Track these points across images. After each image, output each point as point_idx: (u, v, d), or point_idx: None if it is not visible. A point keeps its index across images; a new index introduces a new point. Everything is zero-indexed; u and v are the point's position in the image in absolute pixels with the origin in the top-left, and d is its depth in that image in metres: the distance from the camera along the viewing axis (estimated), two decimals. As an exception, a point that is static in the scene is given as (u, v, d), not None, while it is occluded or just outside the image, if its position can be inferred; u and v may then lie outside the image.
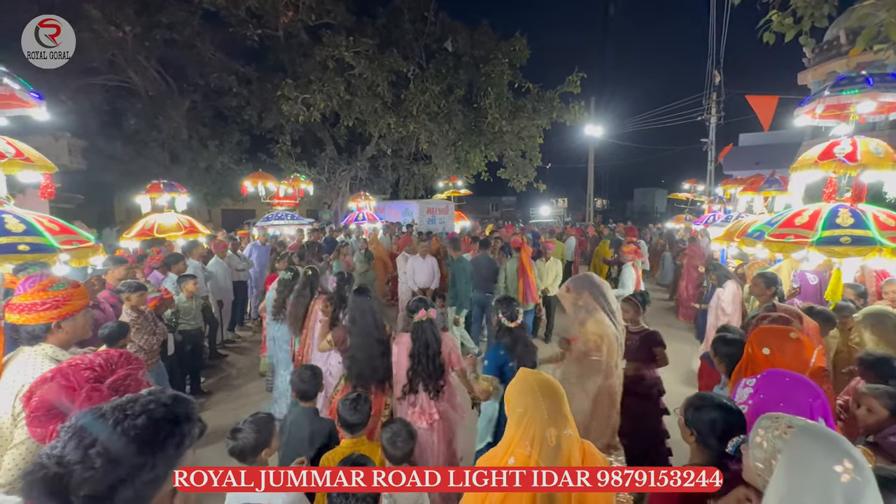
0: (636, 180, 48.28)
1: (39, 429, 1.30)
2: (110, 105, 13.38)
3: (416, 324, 2.62)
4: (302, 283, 3.81)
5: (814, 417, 1.44)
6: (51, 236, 2.52)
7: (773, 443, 1.07)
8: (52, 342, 1.66)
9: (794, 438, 1.04)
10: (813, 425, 1.08)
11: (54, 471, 0.66)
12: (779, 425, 1.09)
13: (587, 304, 2.77)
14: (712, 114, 16.64)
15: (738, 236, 4.57)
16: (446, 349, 2.67)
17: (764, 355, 1.89)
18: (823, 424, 1.45)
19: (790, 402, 1.48)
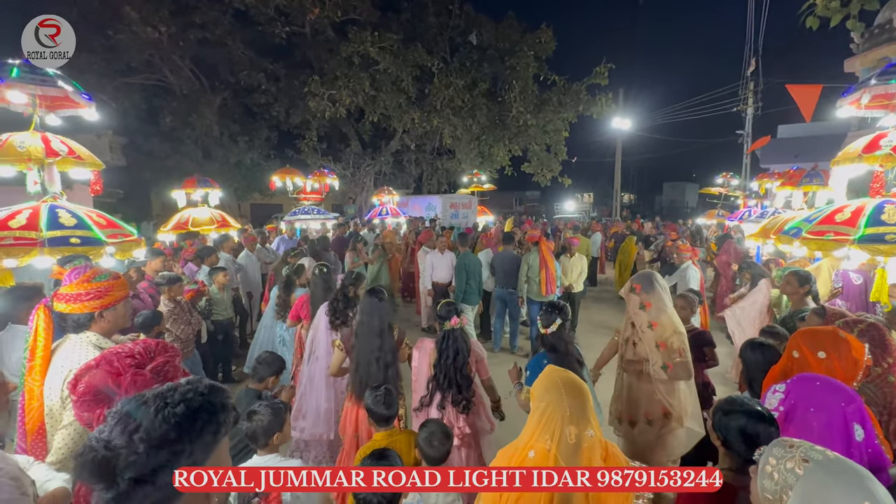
0: (665, 174, 46.78)
1: (86, 413, 1.39)
2: (147, 103, 14.00)
3: (446, 332, 2.48)
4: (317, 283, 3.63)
5: (847, 424, 1.37)
6: (99, 230, 2.68)
7: (785, 476, 0.98)
8: (95, 330, 1.77)
9: (809, 475, 0.95)
10: (832, 460, 0.98)
11: (102, 454, 0.71)
12: (793, 456, 0.99)
13: (658, 304, 2.68)
14: (749, 104, 15.92)
15: (774, 233, 4.38)
16: (474, 358, 2.56)
17: (819, 359, 1.77)
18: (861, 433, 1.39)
19: (821, 407, 1.41)
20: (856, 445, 1.38)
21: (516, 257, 5.82)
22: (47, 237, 2.46)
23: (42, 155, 2.66)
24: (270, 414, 1.87)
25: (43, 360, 1.66)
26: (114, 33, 11.73)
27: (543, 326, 2.48)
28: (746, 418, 1.39)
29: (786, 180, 6.23)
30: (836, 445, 1.37)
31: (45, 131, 2.83)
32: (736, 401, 1.49)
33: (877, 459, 1.43)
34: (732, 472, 1.42)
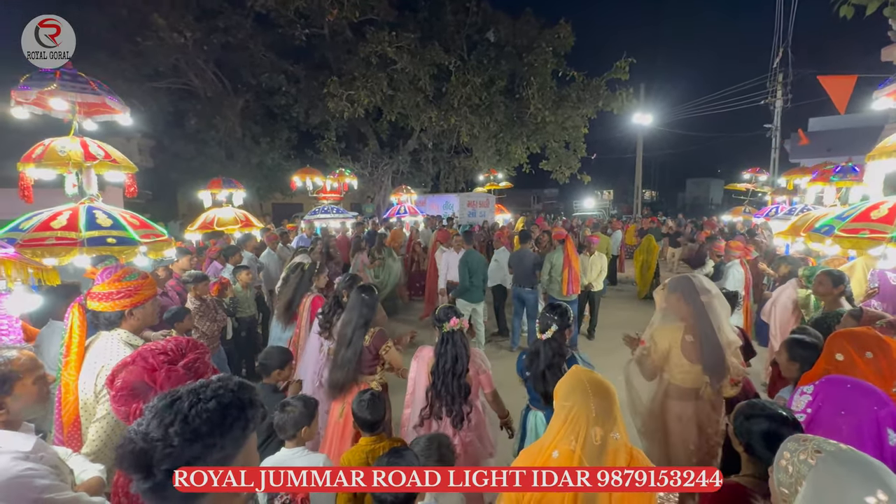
0: (689, 170, 45.53)
1: (123, 407, 1.46)
2: (174, 107, 14.47)
3: (445, 334, 2.33)
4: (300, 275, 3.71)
5: (881, 429, 1.33)
6: (133, 230, 2.81)
7: (799, 468, 0.98)
8: (125, 328, 1.86)
9: (822, 464, 0.95)
10: (845, 451, 0.97)
11: (140, 445, 0.75)
12: (806, 448, 1.00)
13: (669, 308, 2.49)
14: (778, 96, 15.35)
15: (804, 231, 4.24)
16: (474, 368, 2.37)
17: (867, 360, 1.72)
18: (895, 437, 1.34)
19: (852, 410, 1.37)
20: (889, 450, 1.33)
21: (533, 255, 5.78)
22: (86, 237, 2.58)
23: (81, 159, 2.80)
24: (302, 407, 1.94)
25: (77, 355, 1.75)
26: (142, 40, 12.16)
27: (540, 331, 2.34)
28: (769, 422, 1.36)
29: (817, 175, 5.99)
30: (867, 450, 1.34)
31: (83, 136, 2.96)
32: (757, 405, 1.46)
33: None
34: (755, 478, 1.38)
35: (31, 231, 2.54)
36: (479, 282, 5.55)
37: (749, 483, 1.38)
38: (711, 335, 2.33)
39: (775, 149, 15.78)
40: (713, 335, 2.33)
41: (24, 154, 2.82)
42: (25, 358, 1.39)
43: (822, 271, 3.31)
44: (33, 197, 2.85)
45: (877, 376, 1.67)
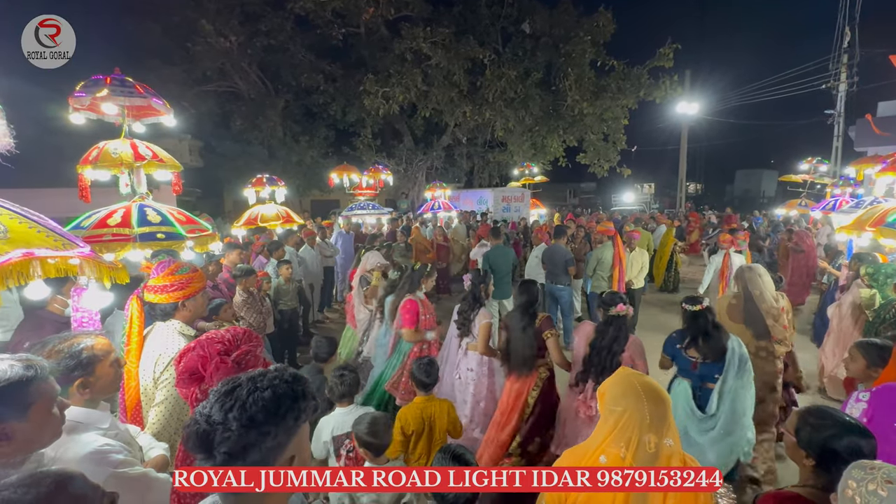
0: (739, 161, 42.80)
1: (184, 389, 1.57)
2: (220, 109, 15.20)
3: (610, 317, 2.63)
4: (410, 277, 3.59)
5: None
6: (180, 226, 2.98)
7: (868, 499, 0.91)
8: (179, 318, 1.98)
9: (893, 496, 0.89)
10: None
11: (203, 427, 0.80)
12: (874, 478, 0.93)
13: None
14: (841, 80, 14.13)
15: (871, 225, 3.88)
16: (630, 353, 2.64)
17: None
18: None
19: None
20: None
21: (566, 251, 5.64)
22: (138, 233, 2.76)
23: (131, 160, 2.98)
24: (355, 376, 2.34)
25: (138, 344, 1.89)
26: (192, 45, 12.84)
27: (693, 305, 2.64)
28: (847, 434, 1.24)
29: (888, 165, 5.47)
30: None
31: (133, 138, 3.16)
32: (825, 413, 1.33)
33: None
34: (819, 490, 1.28)
35: (91, 228, 2.74)
36: (502, 276, 5.48)
37: (811, 495, 1.28)
38: (750, 300, 2.99)
39: (838, 136, 14.56)
40: (751, 300, 2.99)
41: (81, 157, 3.04)
42: (103, 342, 1.51)
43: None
44: (90, 196, 3.06)
45: None
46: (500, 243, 5.79)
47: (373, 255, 4.49)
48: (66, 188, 6.08)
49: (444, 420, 2.43)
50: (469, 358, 3.21)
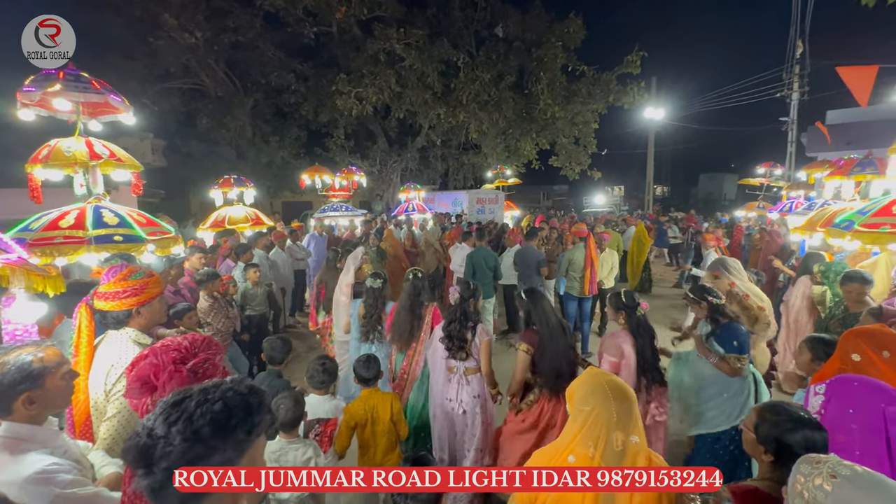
0: (702, 165, 44.67)
1: (134, 399, 1.48)
2: (185, 107, 14.62)
3: (638, 318, 2.69)
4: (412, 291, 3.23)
5: (888, 425, 1.31)
6: (139, 228, 2.84)
7: (815, 494, 0.95)
8: (133, 326, 1.87)
9: (837, 490, 0.92)
10: (861, 474, 0.94)
11: (144, 441, 0.75)
12: (820, 472, 0.96)
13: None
14: (794, 89, 14.96)
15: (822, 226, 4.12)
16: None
17: (885, 359, 1.69)
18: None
19: (859, 409, 1.37)
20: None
21: (538, 253, 5.72)
22: (93, 235, 2.61)
23: (86, 159, 2.82)
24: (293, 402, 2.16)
25: (86, 355, 1.77)
26: (154, 40, 12.30)
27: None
28: (802, 429, 1.29)
29: (835, 169, 5.84)
30: (876, 448, 1.33)
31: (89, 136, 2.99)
32: (782, 409, 1.38)
33: None
34: (775, 483, 1.33)
35: (40, 230, 2.58)
36: (484, 278, 5.51)
37: (769, 488, 1.32)
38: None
39: (792, 142, 15.40)
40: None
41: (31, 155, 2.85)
42: (52, 353, 1.41)
43: (847, 275, 3.20)
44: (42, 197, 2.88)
45: (893, 374, 1.64)
46: (482, 245, 5.82)
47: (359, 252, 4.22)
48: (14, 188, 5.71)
49: (388, 412, 2.52)
50: (473, 384, 2.80)
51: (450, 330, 2.77)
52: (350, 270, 3.97)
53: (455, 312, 2.80)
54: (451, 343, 2.75)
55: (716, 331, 2.77)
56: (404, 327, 3.14)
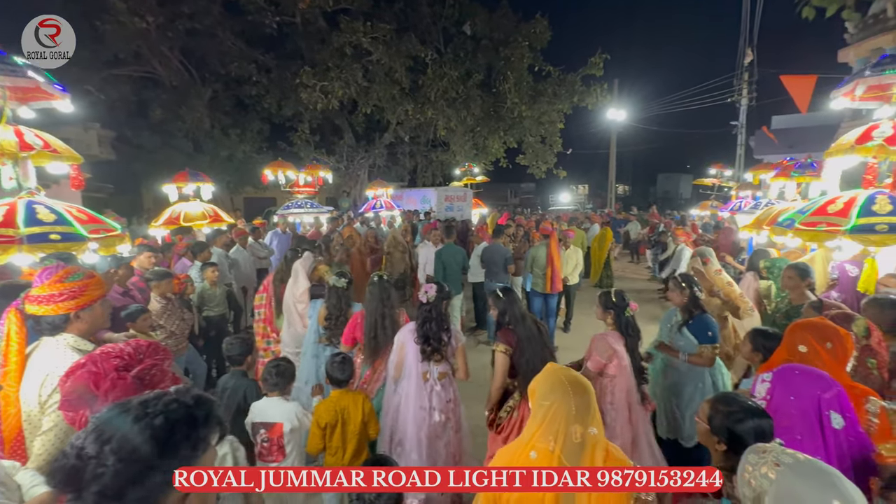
0: (660, 165, 46.85)
1: (71, 412, 1.36)
2: (136, 96, 13.72)
3: (627, 318, 2.64)
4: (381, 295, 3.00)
5: (822, 411, 1.41)
6: (80, 225, 2.61)
7: (760, 482, 1.01)
8: (72, 332, 1.71)
9: (781, 478, 0.98)
10: (802, 462, 1.01)
11: (73, 462, 0.68)
12: (766, 461, 1.02)
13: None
14: (743, 95, 15.89)
15: (767, 224, 4.39)
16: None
17: (828, 349, 1.81)
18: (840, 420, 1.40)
19: (799, 396, 1.47)
20: (833, 433, 1.42)
21: (505, 250, 5.79)
22: (26, 234, 2.39)
23: (15, 149, 2.56)
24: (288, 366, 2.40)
25: (17, 364, 1.61)
26: (100, 24, 11.46)
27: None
28: (750, 417, 1.36)
29: (779, 171, 6.24)
30: (814, 432, 1.42)
31: (18, 125, 2.73)
32: (732, 400, 1.45)
33: (861, 447, 1.46)
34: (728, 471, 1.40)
35: (-38, 229, 2.33)
36: (454, 275, 5.52)
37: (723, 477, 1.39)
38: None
39: (741, 145, 16.37)
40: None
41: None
42: None
43: (789, 265, 3.42)
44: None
45: (834, 363, 1.77)
46: (451, 242, 5.82)
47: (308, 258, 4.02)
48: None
49: (359, 412, 2.46)
50: (446, 389, 2.65)
51: (425, 331, 2.58)
52: (299, 278, 3.77)
53: (431, 312, 2.61)
54: (428, 345, 2.56)
55: (688, 321, 2.90)
56: (379, 336, 2.93)
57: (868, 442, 1.48)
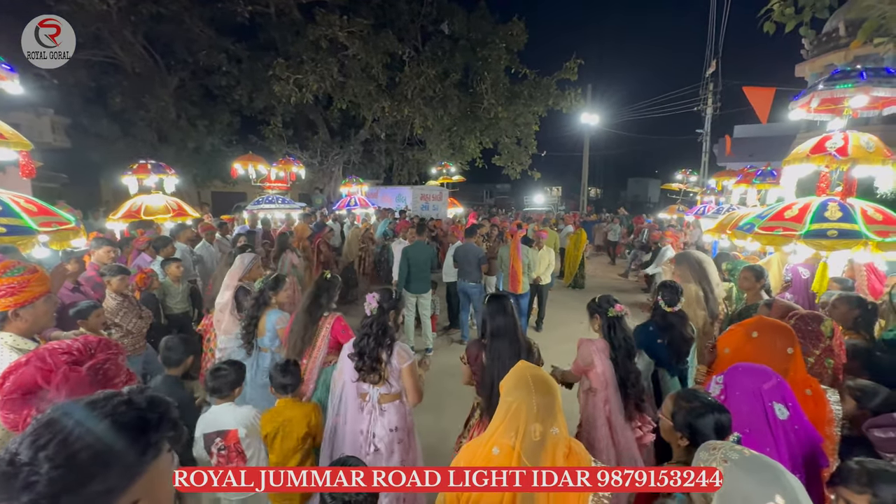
0: (630, 169, 48.33)
1: (12, 414, 1.26)
2: (95, 82, 12.95)
3: (612, 319, 2.43)
4: (314, 291, 2.89)
5: (765, 403, 1.48)
6: (28, 217, 2.43)
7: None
8: (10, 331, 1.61)
9: (727, 474, 1.03)
10: (748, 458, 1.05)
11: (3, 469, 0.62)
12: (715, 458, 1.07)
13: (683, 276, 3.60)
14: (708, 104, 16.59)
15: (729, 228, 4.59)
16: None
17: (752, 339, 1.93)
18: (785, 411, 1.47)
19: (743, 390, 1.54)
20: (779, 423, 1.48)
21: (478, 250, 5.82)
22: (-34, 225, 2.21)
23: (-44, 134, 2.38)
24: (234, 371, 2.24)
25: (-51, 363, 1.48)
26: (55, 3, 10.76)
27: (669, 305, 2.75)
28: (712, 412, 1.40)
29: (740, 178, 6.53)
30: (761, 425, 1.49)
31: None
32: (693, 396, 1.49)
33: (808, 437, 1.53)
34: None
35: None
36: (419, 273, 5.50)
37: None
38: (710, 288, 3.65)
39: (705, 152, 17.09)
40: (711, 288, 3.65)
41: None
42: None
43: (745, 267, 3.59)
44: None
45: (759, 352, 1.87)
46: (421, 239, 5.79)
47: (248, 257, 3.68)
48: None
49: (302, 427, 2.28)
50: (389, 414, 2.29)
51: (361, 346, 2.26)
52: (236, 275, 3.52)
53: (371, 325, 2.29)
54: (362, 362, 2.24)
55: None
56: (298, 333, 2.76)
57: (814, 432, 1.56)
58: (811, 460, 1.51)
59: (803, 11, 3.50)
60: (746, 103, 8.17)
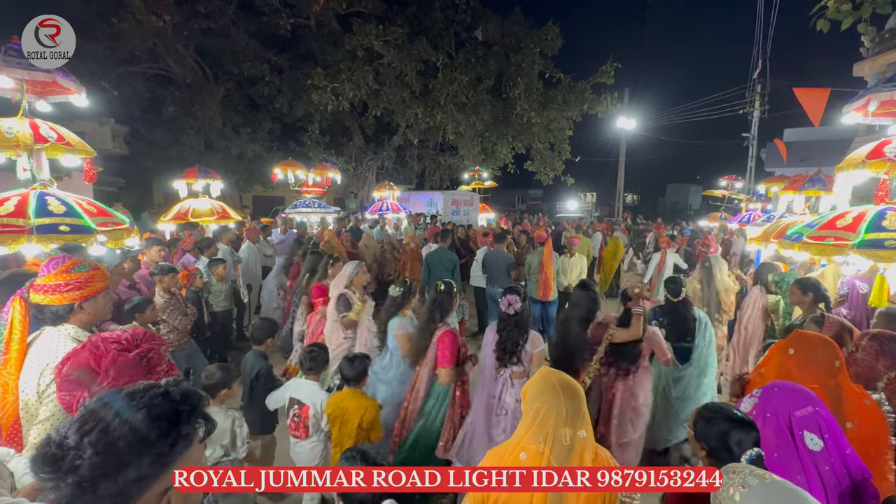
0: (669, 175, 46.51)
1: (67, 395, 1.38)
2: (151, 93, 13.93)
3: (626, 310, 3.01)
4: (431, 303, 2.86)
5: (795, 430, 1.37)
6: (89, 218, 2.65)
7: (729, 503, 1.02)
8: (74, 323, 1.72)
9: (744, 501, 0.99)
10: (768, 484, 1.00)
11: (53, 451, 0.68)
12: (733, 483, 1.03)
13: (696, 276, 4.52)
14: (755, 107, 15.77)
15: (775, 237, 4.34)
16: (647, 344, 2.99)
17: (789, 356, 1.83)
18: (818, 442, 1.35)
19: (773, 413, 1.44)
20: (810, 455, 1.35)
21: (507, 256, 5.78)
22: (35, 224, 2.43)
23: (30, 141, 2.63)
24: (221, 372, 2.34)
25: (18, 352, 1.63)
26: (118, 21, 11.68)
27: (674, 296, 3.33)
28: (729, 423, 1.35)
29: (788, 184, 6.17)
30: (790, 451, 1.37)
31: (35, 117, 2.80)
32: (715, 408, 1.45)
33: (855, 471, 1.38)
34: None
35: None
36: (438, 278, 5.51)
37: None
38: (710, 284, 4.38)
39: (752, 157, 16.23)
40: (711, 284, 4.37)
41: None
42: None
43: (795, 280, 3.38)
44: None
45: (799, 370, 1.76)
46: (443, 245, 5.84)
47: (351, 265, 3.69)
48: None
49: (356, 418, 2.47)
50: (516, 388, 2.63)
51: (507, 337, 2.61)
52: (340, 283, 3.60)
53: (509, 322, 2.61)
54: (504, 355, 2.60)
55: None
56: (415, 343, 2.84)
57: (861, 465, 1.41)
58: (855, 497, 1.39)
59: (862, 7, 3.29)
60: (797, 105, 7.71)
